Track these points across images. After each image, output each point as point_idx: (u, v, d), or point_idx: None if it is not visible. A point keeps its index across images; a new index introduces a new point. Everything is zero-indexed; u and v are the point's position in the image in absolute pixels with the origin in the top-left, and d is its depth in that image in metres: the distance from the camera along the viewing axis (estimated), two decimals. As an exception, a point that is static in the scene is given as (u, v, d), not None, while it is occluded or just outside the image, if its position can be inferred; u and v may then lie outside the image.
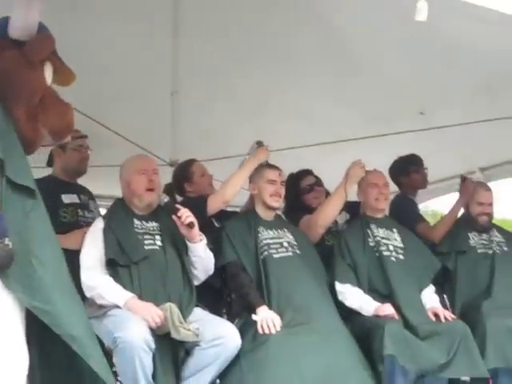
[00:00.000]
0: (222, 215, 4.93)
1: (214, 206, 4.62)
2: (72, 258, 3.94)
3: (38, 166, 4.95)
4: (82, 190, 4.96)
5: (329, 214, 4.87)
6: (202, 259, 4.25)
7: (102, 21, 4.82)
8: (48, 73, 3.31)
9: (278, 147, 5.81)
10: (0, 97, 3.10)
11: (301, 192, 5.32)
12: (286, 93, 5.90)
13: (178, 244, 4.23)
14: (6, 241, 2.82)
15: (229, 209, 5.25)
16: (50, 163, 5.02)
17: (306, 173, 5.43)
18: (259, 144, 4.76)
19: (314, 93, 5.86)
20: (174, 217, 4.15)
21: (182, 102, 5.72)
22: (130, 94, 5.66)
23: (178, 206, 4.25)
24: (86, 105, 5.24)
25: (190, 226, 4.11)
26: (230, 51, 5.29)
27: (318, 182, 5.41)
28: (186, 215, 4.11)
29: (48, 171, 4.98)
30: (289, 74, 5.62)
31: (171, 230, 4.24)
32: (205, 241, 4.24)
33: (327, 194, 5.38)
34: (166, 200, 4.29)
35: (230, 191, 4.63)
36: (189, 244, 4.21)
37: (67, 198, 4.80)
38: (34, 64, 3.21)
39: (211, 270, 4.33)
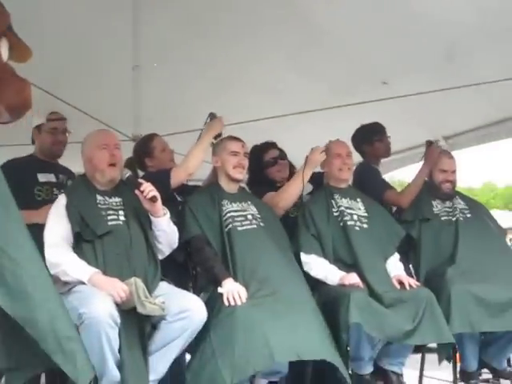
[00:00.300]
0: (185, 189, 4.92)
1: (177, 178, 4.59)
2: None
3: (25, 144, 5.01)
4: (61, 170, 4.98)
5: (289, 197, 4.87)
6: (166, 233, 4.24)
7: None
8: (3, 49, 3.25)
9: (241, 120, 5.82)
10: None
11: (264, 165, 5.29)
12: (250, 65, 5.90)
13: (141, 219, 4.21)
14: None
15: (190, 183, 5.22)
16: (33, 142, 5.08)
17: (270, 145, 5.39)
18: (212, 115, 4.74)
19: (277, 65, 5.87)
20: (136, 191, 4.12)
21: (143, 76, 5.68)
22: (92, 70, 5.64)
23: (140, 180, 4.23)
24: (46, 81, 5.21)
25: (153, 200, 4.10)
26: (192, 24, 5.29)
27: (282, 155, 5.38)
28: (148, 189, 4.09)
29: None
30: (252, 46, 5.62)
31: (134, 204, 4.21)
32: (168, 215, 4.23)
33: (291, 166, 5.37)
34: (127, 175, 4.26)
35: (192, 163, 4.60)
36: (152, 218, 4.19)
37: (43, 177, 4.88)
38: None
39: (175, 243, 4.33)
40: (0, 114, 3.22)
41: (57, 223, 4.07)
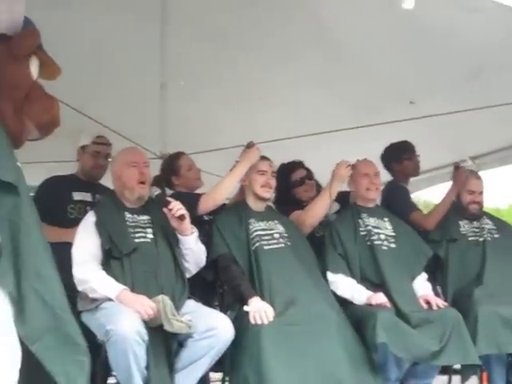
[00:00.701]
0: None
1: (205, 207, 4.60)
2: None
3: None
4: (100, 190, 5.01)
5: (316, 214, 4.86)
6: (194, 252, 4.26)
7: (90, 12, 4.81)
8: (34, 67, 3.30)
9: (266, 138, 5.81)
10: None
11: (291, 185, 5.28)
12: (275, 83, 5.90)
13: (169, 237, 4.23)
14: None
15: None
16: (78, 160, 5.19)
17: (297, 165, 5.38)
18: (249, 145, 4.73)
19: (302, 82, 5.85)
20: (164, 209, 4.15)
21: (171, 94, 5.69)
22: (119, 87, 5.66)
23: (169, 198, 4.24)
24: (74, 98, 5.24)
25: (181, 218, 4.11)
26: (219, 42, 5.30)
27: (309, 175, 5.37)
28: (177, 208, 4.11)
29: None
30: (277, 64, 5.62)
31: (162, 222, 4.23)
32: (196, 233, 4.24)
33: (318, 186, 5.36)
34: (156, 193, 4.28)
35: (221, 194, 4.63)
36: (180, 237, 4.21)
37: (78, 196, 4.94)
38: (19, 59, 3.20)
39: (203, 262, 4.34)
40: (29, 131, 3.27)
41: (85, 240, 4.10)
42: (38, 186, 4.96)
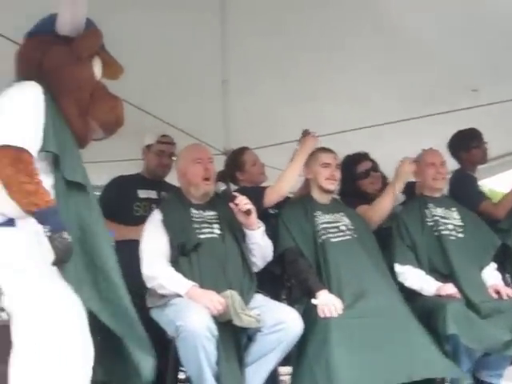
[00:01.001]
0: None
1: (270, 199, 4.60)
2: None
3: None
4: (165, 188, 5.10)
5: (382, 212, 4.82)
6: (260, 246, 4.27)
7: (151, 11, 4.82)
8: (97, 67, 3.37)
9: (328, 131, 5.81)
10: (52, 93, 3.15)
11: (357, 177, 5.26)
12: (336, 76, 5.85)
13: (236, 232, 4.25)
14: (65, 234, 2.88)
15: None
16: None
17: (363, 157, 5.36)
18: (305, 133, 4.72)
19: (363, 74, 5.81)
20: (231, 204, 4.17)
21: (232, 90, 5.71)
22: (181, 84, 5.66)
23: (235, 193, 4.26)
24: (136, 96, 5.29)
25: (248, 213, 4.13)
26: (279, 36, 5.26)
27: (374, 167, 5.34)
28: (243, 202, 4.13)
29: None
30: (338, 58, 5.57)
31: (229, 218, 4.25)
32: (263, 228, 4.26)
33: (383, 178, 5.32)
34: (222, 188, 4.31)
35: (285, 185, 4.62)
36: (247, 231, 4.23)
37: (144, 194, 5.05)
38: (82, 59, 3.27)
39: (269, 256, 4.35)
40: (94, 130, 3.33)
41: (153, 237, 4.15)
42: (105, 185, 5.04)
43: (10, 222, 3.02)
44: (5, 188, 2.92)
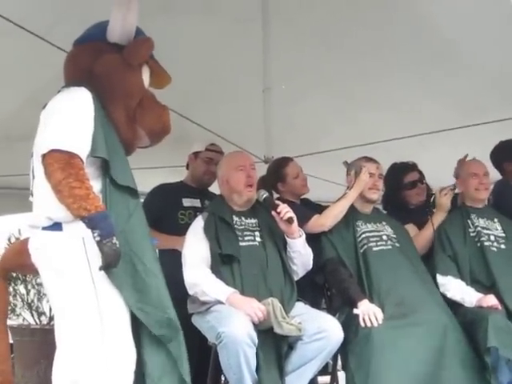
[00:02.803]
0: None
1: (313, 229, 4.56)
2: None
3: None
4: (209, 196, 5.10)
5: (424, 244, 4.79)
6: (301, 255, 4.27)
7: (194, 19, 4.85)
8: (146, 76, 3.40)
9: (371, 139, 5.79)
10: (101, 100, 3.18)
11: (403, 187, 5.24)
12: (379, 83, 5.82)
13: (277, 239, 4.26)
14: (114, 239, 2.90)
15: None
16: (187, 167, 5.31)
17: (411, 168, 5.33)
18: (358, 171, 4.63)
19: (408, 83, 5.77)
20: (273, 212, 4.18)
21: (273, 98, 5.72)
22: (223, 92, 5.68)
23: (277, 201, 4.26)
24: (179, 104, 5.31)
25: (289, 221, 4.13)
26: (321, 44, 5.26)
27: (421, 179, 5.30)
28: (285, 211, 4.13)
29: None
30: (381, 64, 5.56)
31: (270, 225, 4.26)
32: (304, 236, 4.26)
33: (428, 189, 5.29)
34: (264, 196, 4.30)
35: (330, 221, 4.58)
36: (288, 240, 4.22)
37: (188, 202, 5.05)
38: (132, 67, 3.30)
39: (310, 265, 4.34)
40: (141, 138, 3.36)
41: (195, 244, 4.18)
42: (148, 193, 5.05)
43: (57, 227, 3.05)
44: (55, 192, 2.94)
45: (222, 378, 4.24)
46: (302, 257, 4.27)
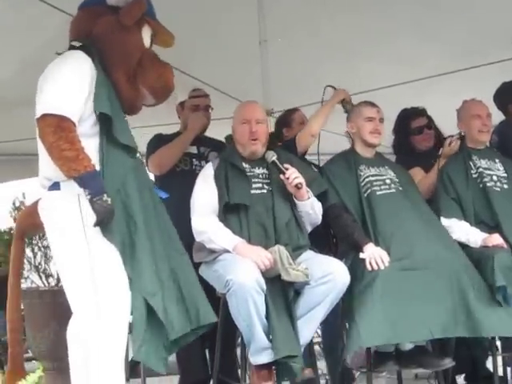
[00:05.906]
0: None
1: (303, 142, 4.70)
2: None
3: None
4: (205, 143, 5.11)
5: (426, 188, 4.81)
6: (309, 214, 4.29)
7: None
8: (146, 36, 3.46)
9: (366, 88, 5.78)
10: (102, 62, 3.29)
11: (410, 132, 5.25)
12: (373, 33, 5.82)
13: (287, 190, 4.24)
14: (105, 197, 3.03)
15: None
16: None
17: (419, 113, 5.32)
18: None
19: (402, 31, 5.76)
20: (281, 176, 4.18)
21: (270, 50, 5.68)
22: (220, 45, 5.70)
23: (286, 165, 4.22)
24: (177, 58, 5.29)
25: (298, 186, 4.14)
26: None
27: (429, 124, 5.29)
28: (293, 176, 4.13)
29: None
30: (375, 15, 5.55)
31: (279, 181, 4.25)
32: (312, 198, 4.26)
33: (436, 135, 5.28)
34: (273, 159, 4.27)
35: (314, 125, 4.71)
36: (296, 201, 4.23)
37: None
38: (128, 28, 3.37)
39: (318, 222, 4.37)
40: (145, 97, 3.45)
41: (204, 192, 4.20)
42: (148, 142, 5.04)
43: (56, 186, 3.21)
44: (48, 154, 3.10)
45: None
46: (309, 216, 4.29)
